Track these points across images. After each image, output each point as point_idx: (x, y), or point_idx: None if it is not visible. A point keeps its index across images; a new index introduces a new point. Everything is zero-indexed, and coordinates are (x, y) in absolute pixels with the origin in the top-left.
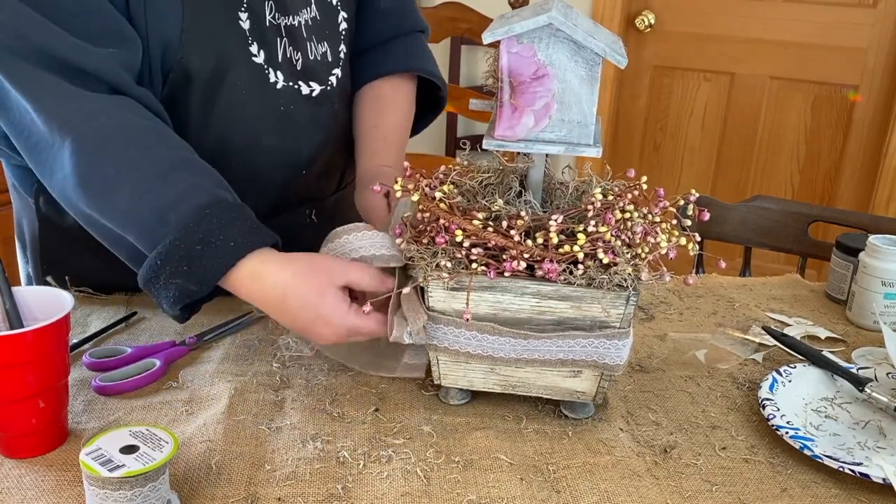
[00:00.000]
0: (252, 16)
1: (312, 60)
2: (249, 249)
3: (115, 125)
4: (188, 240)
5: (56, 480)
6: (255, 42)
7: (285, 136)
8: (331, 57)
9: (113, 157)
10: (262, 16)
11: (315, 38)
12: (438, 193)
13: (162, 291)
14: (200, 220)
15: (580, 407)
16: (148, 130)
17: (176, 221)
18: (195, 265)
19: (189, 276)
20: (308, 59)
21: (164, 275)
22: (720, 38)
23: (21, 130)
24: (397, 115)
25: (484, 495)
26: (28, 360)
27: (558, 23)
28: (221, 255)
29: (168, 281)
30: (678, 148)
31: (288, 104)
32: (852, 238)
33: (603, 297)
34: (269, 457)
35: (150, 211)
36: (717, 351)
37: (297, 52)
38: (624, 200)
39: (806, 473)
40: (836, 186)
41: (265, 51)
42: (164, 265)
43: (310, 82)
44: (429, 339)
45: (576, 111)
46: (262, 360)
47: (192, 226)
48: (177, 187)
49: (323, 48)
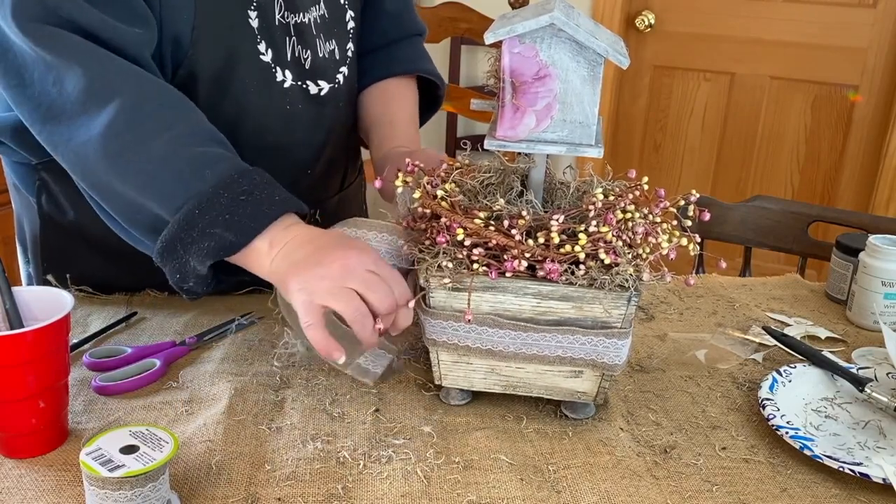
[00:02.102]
0: (261, 14)
1: (321, 58)
2: (292, 208)
3: (157, 88)
4: (232, 190)
5: (56, 480)
6: (263, 41)
7: (290, 135)
8: (339, 55)
9: (154, 114)
10: (272, 14)
11: (324, 35)
12: (440, 192)
13: (193, 246)
14: (244, 175)
15: (581, 407)
16: (184, 99)
17: (214, 176)
18: (238, 214)
19: (229, 225)
20: (318, 56)
21: (200, 224)
22: (720, 38)
23: (40, 103)
24: (404, 104)
25: (484, 495)
26: (28, 360)
27: (560, 23)
28: (268, 206)
29: (204, 232)
30: (678, 148)
31: (295, 103)
32: (852, 238)
33: (604, 297)
34: (269, 457)
35: (183, 165)
36: (717, 351)
37: (305, 51)
38: (625, 200)
39: (806, 473)
40: (836, 186)
41: (273, 50)
42: (203, 214)
43: (318, 81)
44: (428, 335)
45: (577, 111)
46: (262, 360)
47: (236, 177)
48: (210, 148)
49: (331, 46)
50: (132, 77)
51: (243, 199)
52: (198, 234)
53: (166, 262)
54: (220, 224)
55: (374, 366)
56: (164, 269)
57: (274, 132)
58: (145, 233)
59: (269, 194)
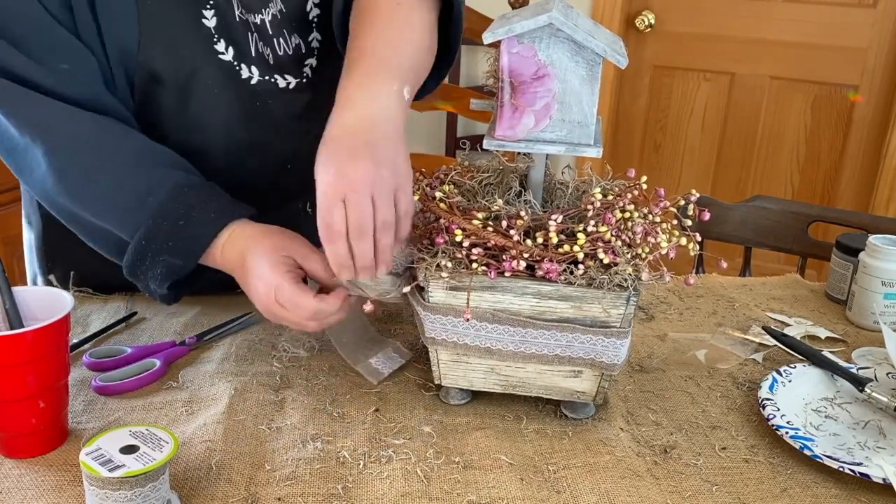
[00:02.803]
0: (219, 13)
1: (283, 55)
2: (229, 220)
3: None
4: (170, 217)
5: (56, 480)
6: (222, 39)
7: (262, 131)
8: (304, 48)
9: (88, 149)
10: (231, 12)
11: (285, 31)
12: (438, 193)
13: (149, 272)
14: (179, 198)
15: (580, 407)
16: (115, 125)
17: (155, 203)
18: (179, 240)
19: (174, 251)
20: (277, 54)
21: (149, 254)
22: (720, 38)
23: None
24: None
25: (484, 495)
26: (28, 360)
27: (559, 23)
28: (204, 226)
29: (154, 259)
30: (678, 148)
31: (264, 99)
32: (852, 238)
33: (603, 297)
34: (269, 457)
35: (129, 196)
36: (717, 351)
37: (266, 48)
38: (624, 200)
39: (806, 473)
40: (836, 186)
41: (234, 47)
42: (150, 244)
43: (284, 75)
44: (427, 333)
45: (576, 111)
46: (262, 360)
47: (172, 204)
48: (151, 172)
49: (294, 41)
50: (60, 115)
51: (182, 223)
52: (150, 262)
53: (135, 281)
54: (166, 251)
55: (383, 367)
56: None
57: (245, 129)
58: (113, 252)
59: (205, 212)
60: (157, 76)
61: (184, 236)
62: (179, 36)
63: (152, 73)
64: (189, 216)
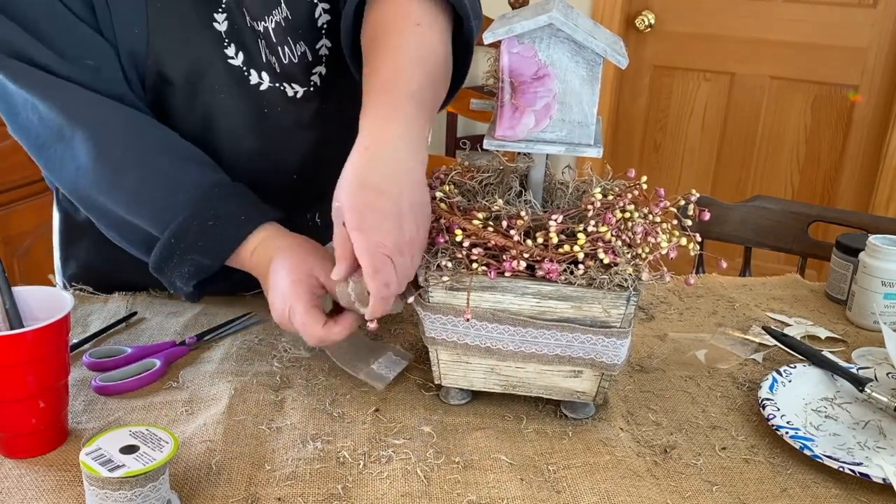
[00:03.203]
0: (230, 17)
1: (288, 64)
2: (259, 223)
3: (122, 114)
4: (200, 217)
5: (56, 480)
6: (232, 44)
7: (269, 140)
8: (311, 56)
9: (123, 141)
10: (241, 17)
11: (291, 38)
12: (439, 193)
13: (176, 270)
14: (210, 199)
15: (580, 407)
16: (150, 120)
17: (185, 201)
18: (209, 240)
19: (203, 250)
20: (283, 62)
21: (178, 251)
22: (720, 38)
23: (28, 132)
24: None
25: (484, 495)
26: (28, 360)
27: (559, 23)
28: (234, 228)
29: (183, 257)
30: (678, 148)
31: (273, 106)
32: (852, 238)
33: (603, 297)
34: (269, 457)
35: (160, 193)
36: (717, 351)
37: (272, 56)
38: (624, 200)
39: (806, 473)
40: (836, 186)
41: (244, 52)
42: (179, 242)
43: (292, 84)
44: (427, 333)
45: (576, 111)
46: (262, 360)
47: (204, 203)
48: (185, 169)
49: (301, 48)
50: (95, 107)
51: (211, 224)
52: (178, 260)
53: (160, 276)
54: (196, 250)
55: (387, 371)
56: None
57: (251, 135)
58: (141, 248)
59: (235, 214)
60: (166, 79)
61: (214, 236)
62: (188, 39)
63: (162, 77)
64: (218, 217)
